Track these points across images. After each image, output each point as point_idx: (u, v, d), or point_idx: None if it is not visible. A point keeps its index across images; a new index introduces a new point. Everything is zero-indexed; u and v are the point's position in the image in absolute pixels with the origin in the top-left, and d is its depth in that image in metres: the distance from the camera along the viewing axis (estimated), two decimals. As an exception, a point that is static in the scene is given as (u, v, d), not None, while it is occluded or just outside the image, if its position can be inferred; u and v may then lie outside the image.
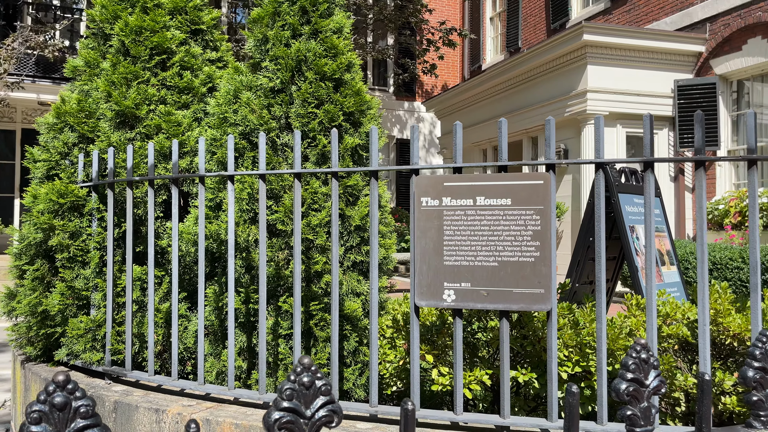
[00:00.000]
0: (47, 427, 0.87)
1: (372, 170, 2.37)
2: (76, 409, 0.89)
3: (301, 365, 1.03)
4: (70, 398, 0.88)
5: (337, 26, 3.13)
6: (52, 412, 0.87)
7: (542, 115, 9.96)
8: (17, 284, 3.27)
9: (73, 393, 0.89)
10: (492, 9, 15.53)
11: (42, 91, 11.48)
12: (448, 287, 2.19)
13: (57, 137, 3.25)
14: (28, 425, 0.86)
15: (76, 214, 3.05)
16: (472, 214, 2.17)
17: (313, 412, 1.02)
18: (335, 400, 1.04)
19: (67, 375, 0.89)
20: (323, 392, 1.03)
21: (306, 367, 1.03)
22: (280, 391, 1.02)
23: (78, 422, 0.88)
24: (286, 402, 1.01)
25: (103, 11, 3.49)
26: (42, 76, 11.45)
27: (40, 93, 11.46)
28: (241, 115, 3.05)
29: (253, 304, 2.94)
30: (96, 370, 3.05)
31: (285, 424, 1.00)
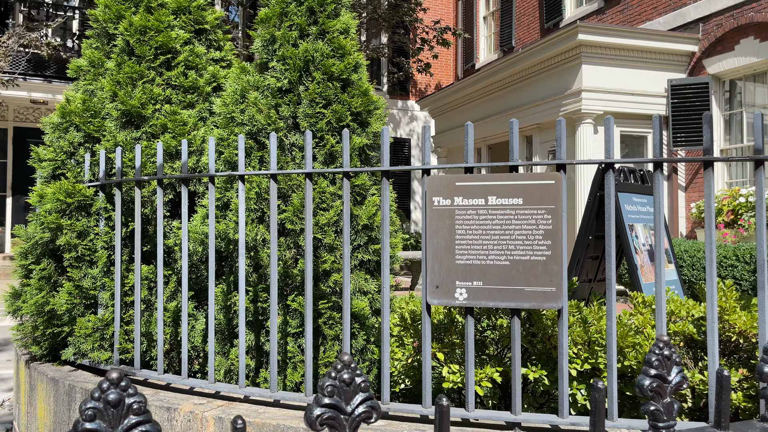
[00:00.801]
0: (101, 423, 0.89)
1: (384, 170, 2.39)
2: (129, 406, 0.91)
3: (342, 362, 1.05)
4: (123, 395, 0.90)
5: (344, 27, 3.15)
6: (106, 409, 0.89)
7: (536, 114, 10.02)
8: (22, 284, 3.27)
9: (126, 390, 0.91)
10: (485, 8, 15.58)
11: (34, 89, 11.40)
12: (460, 286, 2.22)
13: (62, 137, 3.25)
14: (82, 422, 0.88)
15: (83, 214, 3.05)
16: (483, 214, 2.20)
17: (353, 408, 1.05)
18: (374, 397, 1.06)
19: (121, 372, 0.91)
20: (362, 389, 1.05)
21: (346, 364, 1.05)
22: (321, 388, 1.04)
23: (131, 419, 0.90)
24: (327, 398, 1.03)
25: (107, 11, 3.48)
26: (34, 74, 11.38)
27: (31, 91, 11.39)
28: (248, 115, 3.07)
29: (262, 303, 2.96)
30: (104, 369, 3.06)
31: (327, 420, 1.02)
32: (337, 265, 2.92)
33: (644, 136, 9.42)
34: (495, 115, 11.18)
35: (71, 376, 3.02)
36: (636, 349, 2.29)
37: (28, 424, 3.40)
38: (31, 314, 3.13)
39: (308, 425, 1.03)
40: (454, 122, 12.74)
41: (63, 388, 2.95)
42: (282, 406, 2.59)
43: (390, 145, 2.70)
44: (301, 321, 2.89)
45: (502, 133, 11.14)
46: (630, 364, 2.29)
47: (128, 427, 0.90)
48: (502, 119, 11.00)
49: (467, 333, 2.23)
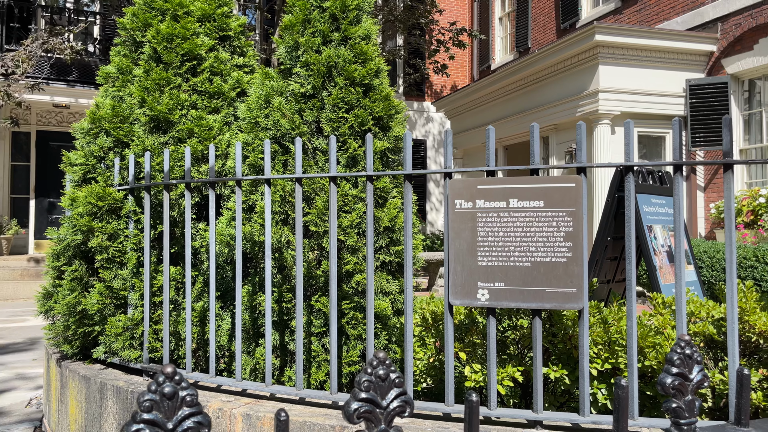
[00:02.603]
0: (158, 414, 0.96)
1: (407, 173, 2.45)
2: (182, 398, 0.97)
3: (377, 359, 1.11)
4: (177, 388, 0.97)
5: (366, 33, 3.21)
6: (162, 401, 0.96)
7: (553, 115, 10.02)
8: (54, 284, 3.37)
9: (180, 383, 0.98)
10: (501, 9, 15.58)
11: (56, 93, 11.62)
12: (482, 287, 2.27)
13: (93, 142, 3.35)
14: (140, 413, 0.95)
15: (113, 217, 3.15)
16: (505, 216, 2.25)
17: (388, 402, 1.10)
18: (407, 392, 1.12)
19: (174, 368, 0.97)
20: (397, 384, 1.11)
21: (381, 361, 1.11)
22: (358, 383, 1.10)
23: (184, 410, 0.97)
24: (364, 393, 1.09)
25: (134, 19, 3.58)
26: (57, 79, 11.59)
27: (54, 95, 11.61)
28: (272, 120, 3.14)
29: (286, 303, 3.03)
30: (133, 368, 3.15)
31: (363, 413, 1.08)
32: (359, 267, 2.98)
33: (662, 136, 9.37)
34: (511, 116, 11.18)
35: (102, 374, 3.12)
36: (656, 349, 2.32)
37: (59, 421, 3.51)
38: (63, 314, 3.23)
39: (346, 418, 1.10)
40: (470, 123, 12.76)
41: (94, 386, 3.05)
42: (307, 403, 2.66)
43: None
44: (325, 321, 2.96)
45: (519, 134, 11.14)
46: (650, 364, 2.32)
47: (182, 417, 0.97)
48: (518, 120, 11.00)
49: (489, 333, 2.28)
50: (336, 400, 2.57)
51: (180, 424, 0.97)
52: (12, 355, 6.89)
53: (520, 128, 10.92)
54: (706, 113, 8.94)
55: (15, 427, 4.61)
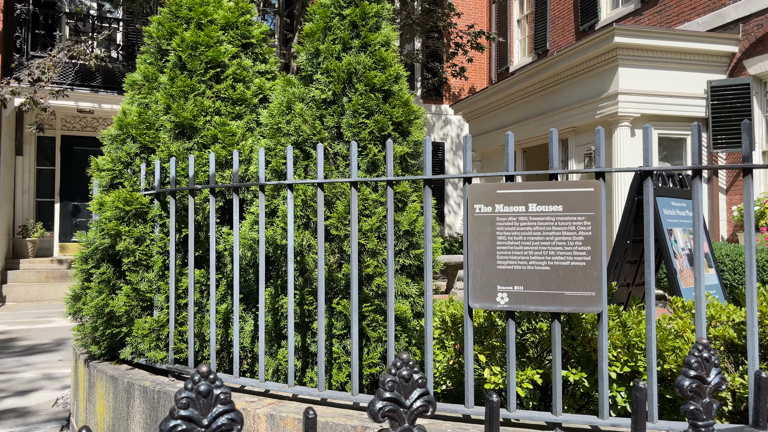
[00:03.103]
0: (194, 411, 1.01)
1: (426, 178, 2.49)
2: (217, 396, 1.02)
3: (401, 360, 1.15)
4: (212, 386, 1.02)
5: (385, 39, 3.26)
6: (198, 399, 1.01)
7: (572, 117, 9.98)
8: (83, 287, 3.47)
9: (214, 382, 1.03)
10: (519, 11, 15.55)
11: (81, 99, 11.85)
12: (501, 290, 2.30)
13: (120, 148, 3.44)
14: (177, 410, 1.00)
15: (140, 221, 3.23)
16: (524, 220, 2.28)
17: (411, 402, 1.15)
18: (430, 392, 1.16)
19: (209, 367, 1.03)
20: (420, 384, 1.15)
21: (405, 362, 1.15)
22: (382, 383, 1.14)
23: (218, 407, 1.02)
24: (388, 393, 1.14)
25: (160, 28, 3.67)
26: (81, 85, 11.83)
27: (78, 101, 11.84)
28: (294, 126, 3.20)
29: (308, 306, 3.09)
30: (159, 368, 3.23)
31: (388, 412, 1.13)
32: (379, 270, 3.03)
33: (683, 138, 9.29)
34: (530, 119, 11.16)
35: (129, 374, 3.20)
36: (676, 352, 2.33)
37: (87, 419, 3.60)
38: (91, 315, 3.32)
39: (371, 417, 1.14)
40: (488, 126, 12.75)
41: (122, 386, 3.13)
42: (329, 404, 2.71)
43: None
44: (346, 323, 3.01)
45: (538, 137, 11.12)
46: (670, 367, 2.33)
47: (216, 414, 1.02)
48: (536, 123, 10.98)
49: (508, 336, 2.31)
50: (357, 401, 2.62)
51: (214, 420, 1.02)
52: (39, 356, 7.05)
53: (539, 131, 10.90)
54: (727, 115, 8.85)
55: (43, 426, 4.73)
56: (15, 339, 8.03)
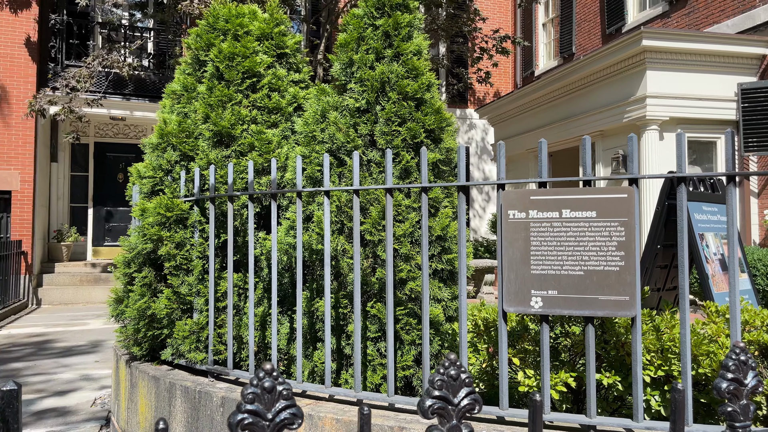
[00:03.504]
0: (259, 405, 1.09)
1: (461, 185, 2.55)
2: (280, 392, 1.10)
3: (449, 360, 1.22)
4: (276, 383, 1.10)
5: (417, 48, 3.34)
6: (263, 394, 1.09)
7: (599, 121, 9.93)
8: (126, 290, 3.59)
9: (277, 379, 1.10)
10: (545, 15, 15.51)
11: (113, 107, 12.15)
12: (536, 294, 2.35)
13: (161, 156, 3.57)
14: (244, 404, 1.08)
15: (180, 226, 3.35)
16: (558, 226, 2.33)
17: (459, 400, 1.21)
18: (476, 391, 1.22)
19: (272, 364, 1.10)
20: (467, 383, 1.21)
21: (452, 362, 1.22)
22: (431, 382, 1.21)
23: (281, 402, 1.10)
24: (437, 391, 1.20)
25: (198, 40, 3.80)
26: (113, 93, 12.13)
27: (111, 108, 12.13)
28: (328, 134, 3.29)
29: (342, 309, 3.17)
30: (199, 369, 3.33)
31: (437, 409, 1.19)
32: (412, 274, 3.09)
33: (713, 141, 9.19)
34: (556, 123, 11.13)
35: (170, 375, 3.31)
36: (710, 357, 2.35)
37: (129, 418, 3.72)
38: (134, 318, 3.45)
39: (421, 414, 1.20)
40: (513, 130, 12.74)
41: (164, 386, 3.24)
42: (364, 405, 2.78)
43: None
44: (380, 326, 3.08)
45: (564, 141, 11.07)
46: (704, 371, 2.35)
47: (279, 409, 1.10)
48: (562, 127, 10.94)
49: (542, 339, 2.35)
50: (393, 402, 2.68)
51: (278, 414, 1.09)
52: (76, 357, 7.25)
53: (565, 135, 10.86)
54: (759, 117, 8.73)
55: (82, 425, 4.89)
56: (52, 341, 8.27)
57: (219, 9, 3.85)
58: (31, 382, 6.14)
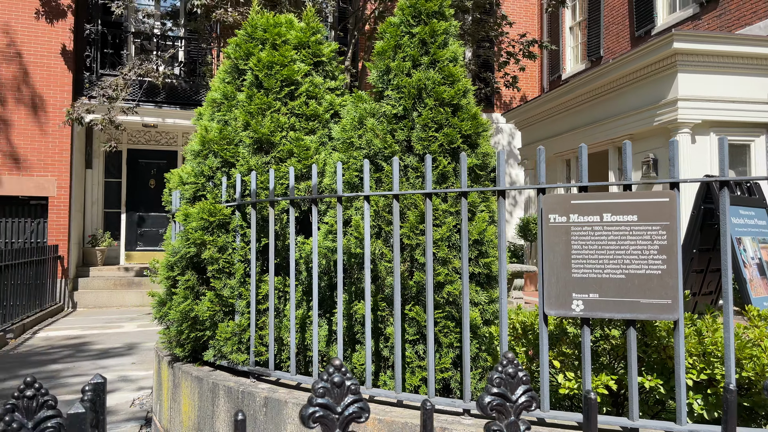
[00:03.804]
0: (329, 399, 1.15)
1: (500, 189, 2.59)
2: (348, 387, 1.16)
3: (506, 359, 1.26)
4: (344, 378, 1.16)
5: (453, 55, 3.39)
6: (332, 389, 1.15)
7: (628, 125, 9.85)
8: (169, 292, 3.70)
9: (345, 374, 1.16)
10: (571, 18, 15.43)
11: (146, 114, 12.41)
12: (577, 298, 2.38)
13: (203, 162, 3.67)
14: (315, 398, 1.14)
15: (223, 231, 3.44)
16: (599, 230, 2.35)
17: (517, 397, 1.25)
18: (533, 389, 1.27)
19: (341, 361, 1.16)
20: (524, 381, 1.26)
21: (510, 360, 1.26)
22: (490, 380, 1.25)
23: (349, 397, 1.16)
24: (495, 388, 1.25)
25: (237, 49, 3.90)
26: (146, 100, 12.39)
27: (144, 116, 12.40)
28: (365, 140, 3.36)
29: (380, 312, 3.22)
30: (240, 370, 3.42)
31: (496, 406, 1.24)
32: (450, 278, 3.13)
33: (747, 144, 9.05)
34: (584, 126, 11.06)
35: (213, 375, 3.40)
36: (753, 360, 2.35)
37: (171, 418, 3.82)
38: (177, 320, 3.55)
39: (480, 410, 1.25)
40: (541, 134, 12.69)
41: (207, 386, 3.33)
42: (405, 406, 2.83)
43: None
44: (418, 329, 3.12)
45: (593, 144, 11.00)
46: (747, 375, 2.35)
47: (348, 403, 1.15)
48: (591, 130, 10.87)
49: (584, 342, 2.38)
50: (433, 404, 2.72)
51: (347, 408, 1.15)
52: (113, 359, 7.43)
53: (594, 138, 10.78)
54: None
55: (123, 424, 5.02)
56: (89, 343, 8.48)
57: (257, 19, 3.95)
58: (71, 383, 6.32)
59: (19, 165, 11.57)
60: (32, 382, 1.13)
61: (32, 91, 11.70)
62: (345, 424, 1.15)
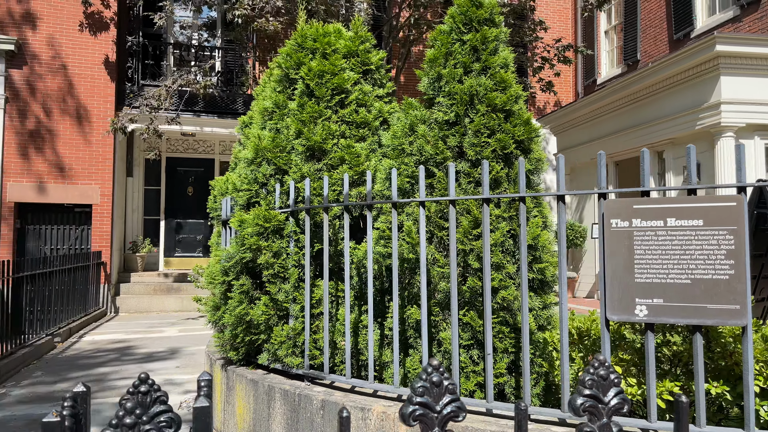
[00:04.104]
0: (428, 398, 1.18)
1: (560, 194, 2.60)
2: (446, 387, 1.19)
3: (598, 361, 1.28)
4: (442, 378, 1.19)
5: (504, 62, 3.41)
6: (431, 388, 1.18)
7: (669, 129, 9.70)
8: (224, 297, 3.78)
9: (443, 374, 1.19)
10: (607, 22, 15.28)
11: (185, 123, 12.67)
12: (640, 303, 2.37)
13: (256, 170, 3.76)
14: (415, 397, 1.17)
15: (277, 236, 3.51)
16: (662, 235, 2.34)
17: (608, 399, 1.27)
18: (624, 391, 1.28)
19: (440, 361, 1.19)
20: (615, 384, 1.27)
21: (601, 363, 1.28)
22: (581, 382, 1.27)
23: (447, 396, 1.19)
24: (587, 390, 1.26)
25: (288, 59, 3.98)
26: (185, 110, 12.66)
27: (183, 125, 12.66)
28: (416, 146, 3.39)
29: (434, 317, 3.24)
30: (294, 373, 3.47)
31: (588, 408, 1.25)
32: (504, 283, 3.14)
33: (793, 148, 8.83)
34: (621, 131, 10.93)
35: (267, 378, 3.46)
36: (825, 367, 2.31)
37: (225, 420, 3.90)
38: (231, 324, 3.62)
39: (572, 412, 1.27)
40: (576, 139, 12.58)
41: (263, 389, 3.39)
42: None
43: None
44: (472, 334, 3.14)
45: (631, 149, 10.86)
46: (818, 382, 2.31)
47: (446, 402, 1.18)
48: (629, 135, 10.74)
49: (648, 347, 2.36)
50: (491, 408, 2.74)
51: (445, 407, 1.18)
52: (157, 363, 7.59)
53: (632, 143, 10.65)
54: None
55: (172, 426, 5.12)
56: (133, 347, 8.67)
57: (306, 29, 4.03)
58: (119, 386, 6.47)
59: (64, 174, 11.93)
60: (146, 379, 1.19)
61: (77, 102, 12.07)
62: (443, 423, 1.18)
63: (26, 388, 6.36)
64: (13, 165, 11.68)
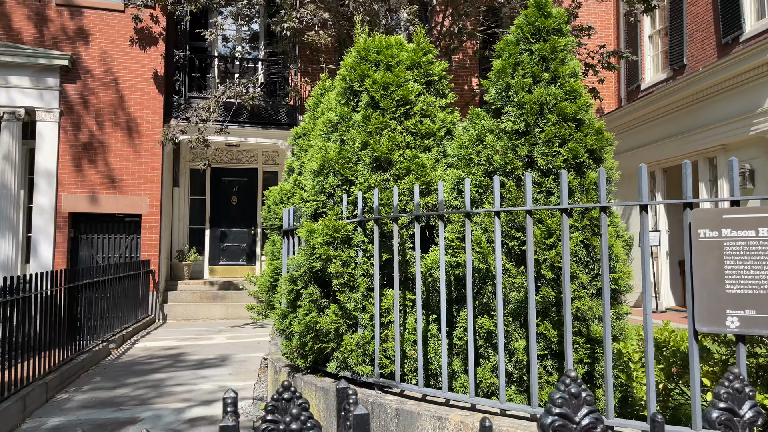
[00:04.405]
0: (567, 409, 1.19)
1: (642, 204, 2.58)
2: (584, 398, 1.20)
3: (732, 374, 1.27)
4: (580, 389, 1.20)
5: (572, 71, 3.40)
6: (570, 399, 1.19)
7: (720, 135, 9.49)
8: (293, 305, 3.85)
9: (581, 385, 1.20)
10: (651, 27, 15.04)
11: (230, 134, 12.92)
12: (731, 314, 2.33)
13: (324, 180, 3.82)
14: (553, 407, 1.19)
15: (346, 246, 3.56)
16: (754, 245, 2.30)
17: (744, 412, 1.26)
18: (758, 404, 1.27)
19: (576, 372, 1.21)
20: (750, 397, 1.26)
21: (736, 376, 1.27)
22: (716, 395, 1.27)
23: (585, 408, 1.19)
24: (723, 403, 1.26)
25: (352, 72, 4.05)
26: (230, 121, 12.91)
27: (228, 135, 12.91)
28: (484, 156, 3.41)
29: (506, 327, 3.24)
30: (363, 381, 3.51)
31: (724, 421, 1.24)
32: (577, 293, 3.12)
33: None
34: (669, 138, 10.73)
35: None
36: None
37: (291, 427, 3.95)
38: (300, 332, 3.68)
39: (708, 424, 1.26)
40: (621, 146, 12.39)
41: (333, 396, 3.43)
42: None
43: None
44: (546, 344, 3.12)
45: (679, 156, 10.65)
46: None
47: (584, 414, 1.19)
48: (677, 141, 10.53)
49: (740, 359, 2.32)
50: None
51: (583, 419, 1.19)
52: (210, 370, 7.73)
53: (680, 150, 10.44)
54: None
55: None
56: (185, 354, 8.85)
57: (369, 42, 4.09)
58: (176, 392, 6.61)
59: (115, 184, 12.28)
60: (288, 386, 1.24)
61: (127, 114, 12.43)
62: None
63: (88, 393, 6.55)
64: (67, 176, 12.09)
